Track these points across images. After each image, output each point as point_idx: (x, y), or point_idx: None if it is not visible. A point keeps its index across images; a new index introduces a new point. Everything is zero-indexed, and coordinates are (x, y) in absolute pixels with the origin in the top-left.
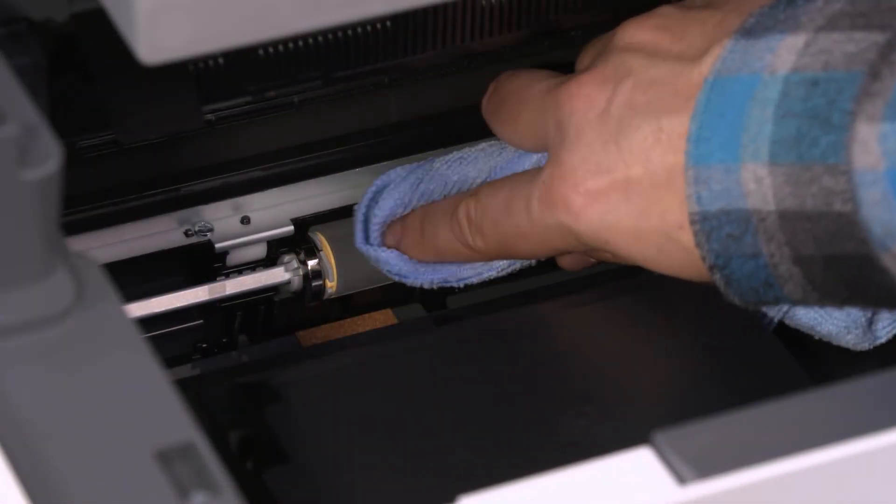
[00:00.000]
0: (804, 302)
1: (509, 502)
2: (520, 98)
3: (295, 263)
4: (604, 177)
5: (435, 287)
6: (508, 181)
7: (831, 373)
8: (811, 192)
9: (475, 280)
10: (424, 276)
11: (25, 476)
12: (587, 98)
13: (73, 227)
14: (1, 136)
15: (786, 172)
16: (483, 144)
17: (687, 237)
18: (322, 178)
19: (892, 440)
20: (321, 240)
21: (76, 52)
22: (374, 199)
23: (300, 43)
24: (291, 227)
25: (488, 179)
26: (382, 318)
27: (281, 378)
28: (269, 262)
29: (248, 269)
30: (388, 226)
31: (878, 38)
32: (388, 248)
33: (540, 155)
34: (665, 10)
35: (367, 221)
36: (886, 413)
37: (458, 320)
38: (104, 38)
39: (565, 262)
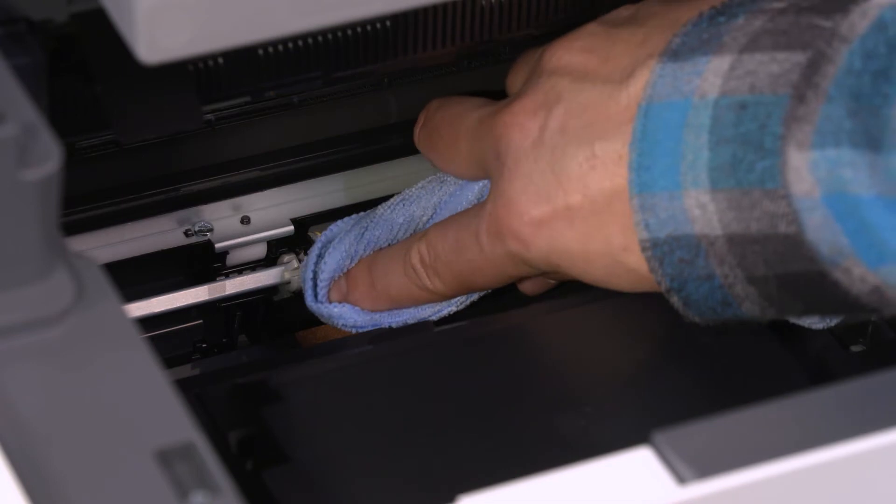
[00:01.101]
0: (763, 317)
1: (509, 502)
2: (455, 129)
3: (295, 263)
4: (545, 205)
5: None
6: (455, 219)
7: (831, 373)
8: (754, 215)
9: (434, 318)
10: (383, 322)
11: (25, 476)
12: (521, 127)
13: (73, 227)
14: (1, 136)
15: (727, 198)
16: (422, 182)
17: (633, 259)
18: (322, 178)
19: (892, 440)
20: None
21: (76, 52)
22: (321, 256)
23: (300, 43)
24: (291, 227)
25: (434, 216)
26: None
27: (281, 378)
28: (269, 262)
29: (248, 269)
30: (334, 282)
31: (799, 58)
32: (356, 304)
33: (482, 183)
34: (591, 28)
35: (314, 279)
36: (886, 413)
37: (458, 320)
38: (104, 38)
39: (526, 287)
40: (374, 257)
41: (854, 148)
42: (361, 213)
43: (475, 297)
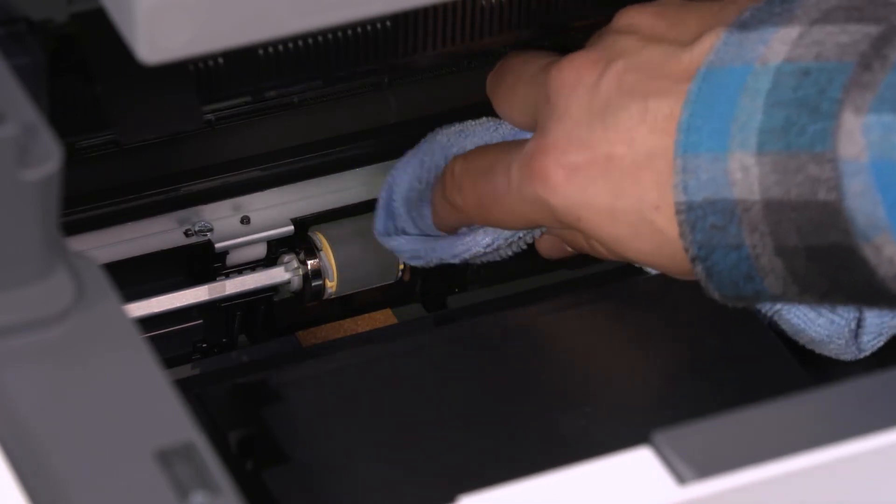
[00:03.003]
0: (784, 296)
1: (509, 502)
2: (518, 74)
3: (295, 263)
4: (586, 152)
5: (431, 264)
6: (497, 146)
7: (831, 373)
8: (797, 180)
9: (467, 255)
10: (426, 252)
11: (25, 476)
12: (577, 74)
13: (73, 227)
14: (1, 136)
15: (772, 161)
16: (483, 119)
17: (662, 219)
18: (322, 178)
19: (892, 440)
20: (321, 240)
21: (76, 52)
22: (392, 186)
23: (300, 43)
24: (291, 227)
25: None
26: (382, 318)
27: (281, 378)
28: (269, 262)
29: (248, 269)
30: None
31: (871, 30)
32: (432, 223)
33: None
34: (667, 0)
35: (388, 209)
36: (886, 413)
37: (458, 320)
38: (104, 38)
39: (542, 245)
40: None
41: None
42: (423, 140)
43: (501, 241)
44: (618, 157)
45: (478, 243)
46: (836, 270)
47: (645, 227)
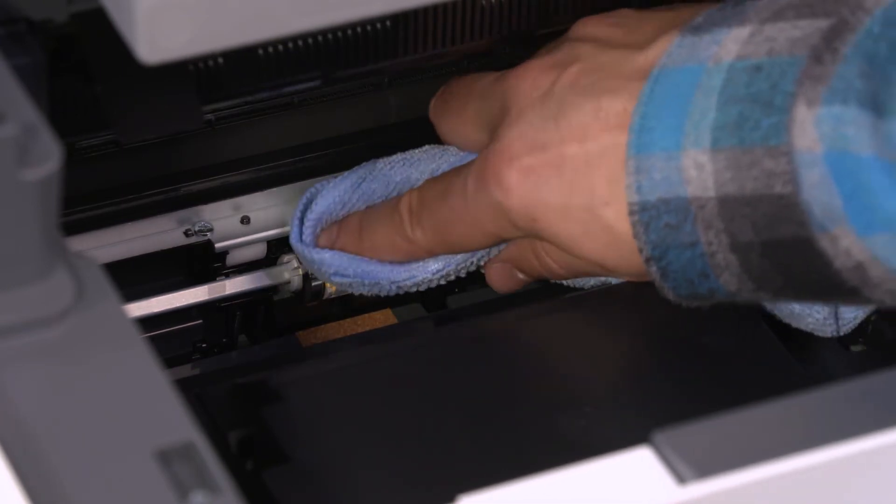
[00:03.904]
0: (739, 293)
1: (509, 502)
2: (468, 91)
3: (295, 263)
4: (539, 153)
5: (365, 293)
6: (450, 171)
7: (831, 372)
8: (752, 175)
9: (408, 283)
10: (359, 276)
11: (25, 476)
12: (533, 80)
13: (73, 227)
14: (1, 136)
15: (727, 157)
16: (426, 147)
17: (612, 214)
18: (322, 178)
19: (892, 440)
20: None
21: (76, 52)
22: (312, 199)
23: (300, 43)
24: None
25: None
26: (382, 318)
27: (281, 378)
28: (269, 262)
29: (248, 269)
30: (325, 227)
31: (822, 23)
32: (322, 247)
33: None
34: (624, 11)
35: (302, 219)
36: (886, 413)
37: (458, 320)
38: (104, 38)
39: (492, 277)
40: (367, 209)
41: (861, 107)
42: (359, 165)
43: (452, 267)
44: (570, 155)
45: (426, 269)
46: (792, 264)
47: (596, 223)
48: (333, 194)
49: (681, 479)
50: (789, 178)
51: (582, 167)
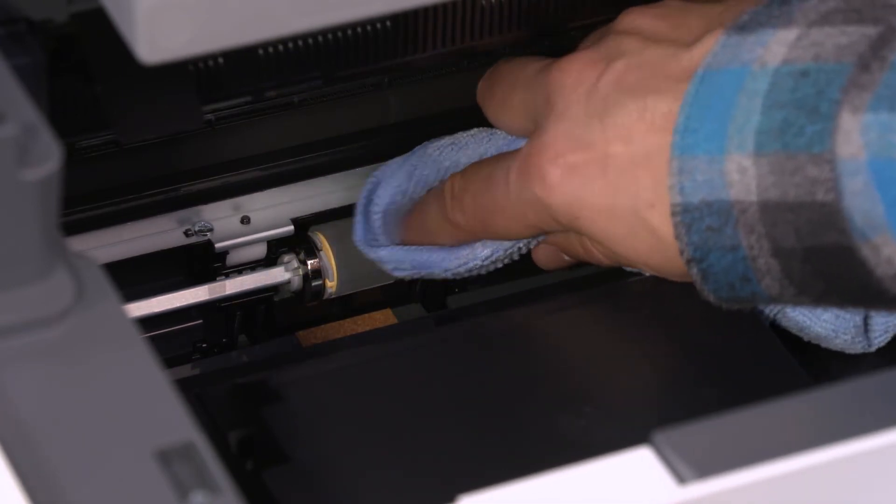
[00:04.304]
0: (780, 298)
1: (509, 502)
2: (513, 79)
3: (295, 263)
4: (583, 152)
5: (422, 276)
6: (495, 157)
7: (831, 373)
8: (794, 181)
9: (461, 270)
10: (412, 264)
11: (25, 476)
12: (578, 74)
13: (73, 227)
14: (1, 136)
15: (770, 162)
16: (474, 130)
17: (657, 218)
18: (322, 178)
19: (892, 440)
20: (321, 240)
21: (76, 52)
22: (373, 192)
23: (300, 43)
24: (291, 227)
25: None
26: (382, 318)
27: (281, 378)
28: (269, 262)
29: (248, 269)
30: (402, 219)
31: (870, 31)
32: (402, 240)
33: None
34: (670, 1)
35: (367, 215)
36: (886, 413)
37: (458, 320)
38: (104, 38)
39: (539, 256)
40: (423, 196)
41: None
42: (411, 152)
43: (500, 253)
44: (615, 155)
45: (476, 256)
46: (833, 271)
47: (640, 225)
48: (392, 184)
49: (681, 479)
50: (832, 185)
51: (627, 168)
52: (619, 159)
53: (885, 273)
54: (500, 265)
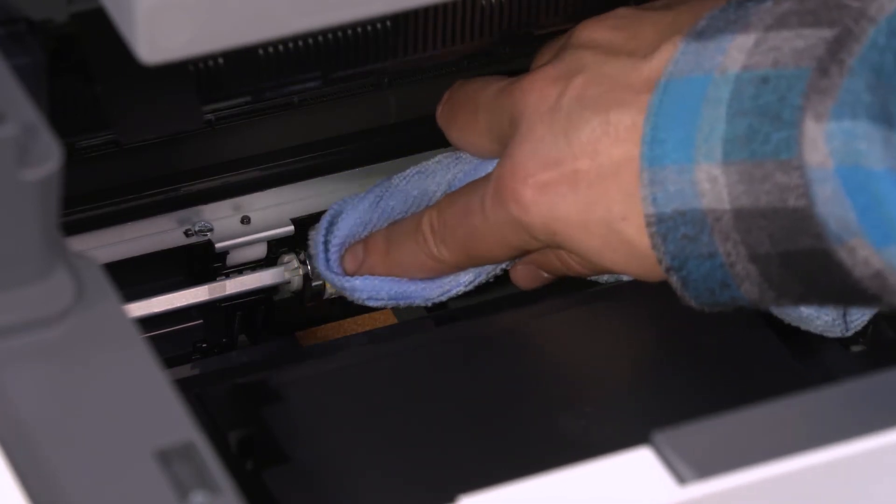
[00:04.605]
0: (761, 301)
1: (509, 502)
2: (475, 102)
3: (295, 263)
4: (552, 170)
5: (400, 306)
6: (467, 187)
7: (831, 373)
8: (765, 188)
9: (443, 298)
10: (393, 299)
11: (25, 476)
12: (539, 93)
13: (73, 227)
14: (1, 136)
15: (739, 171)
16: (439, 156)
17: (630, 229)
18: (322, 178)
19: (892, 440)
20: None
21: (76, 52)
22: (333, 223)
23: (300, 43)
24: (291, 227)
25: (448, 191)
26: (382, 318)
27: (281, 378)
28: (269, 262)
29: (248, 269)
30: (349, 248)
31: (826, 34)
32: (350, 271)
33: (497, 162)
34: (622, 10)
35: (326, 244)
36: (886, 413)
37: (458, 320)
38: (104, 38)
39: (517, 277)
40: (390, 226)
41: (871, 121)
42: (375, 184)
43: (482, 277)
44: (583, 171)
45: (459, 283)
46: (812, 274)
47: (614, 237)
48: (353, 216)
49: (681, 479)
50: (802, 191)
51: (596, 182)
52: (587, 174)
53: (863, 273)
54: (481, 285)
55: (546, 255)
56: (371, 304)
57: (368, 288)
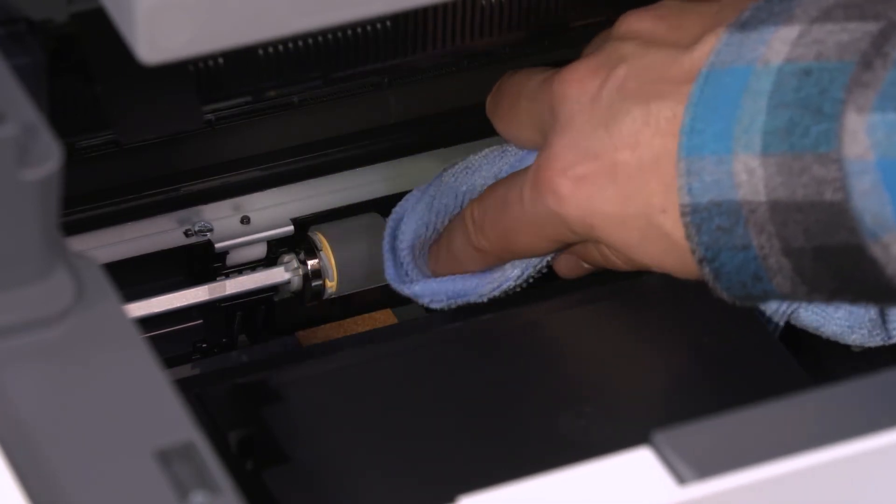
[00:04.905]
0: (792, 295)
1: (509, 502)
2: (517, 92)
3: (295, 263)
4: (591, 161)
5: (454, 306)
6: (508, 178)
7: (831, 373)
8: (802, 181)
9: (495, 293)
10: (447, 294)
11: (25, 476)
12: (580, 83)
13: (73, 227)
14: (1, 136)
15: (777, 162)
16: (486, 151)
17: (669, 222)
18: (322, 178)
19: (892, 440)
20: (321, 240)
21: (76, 52)
22: (395, 230)
23: (300, 43)
24: (291, 227)
25: None
26: (382, 318)
27: (281, 378)
28: (269, 262)
29: (248, 269)
30: (430, 251)
31: (871, 27)
32: (433, 272)
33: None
34: (668, 2)
35: (394, 252)
36: (886, 413)
37: (459, 320)
38: (104, 38)
39: (559, 266)
40: (446, 227)
41: None
42: (426, 184)
43: (530, 270)
44: (623, 162)
45: (508, 277)
46: (845, 270)
47: (653, 231)
48: (414, 219)
49: (681, 479)
50: (840, 185)
51: (636, 174)
52: (627, 167)
53: None
54: (531, 281)
55: (587, 248)
56: (434, 306)
57: (428, 292)
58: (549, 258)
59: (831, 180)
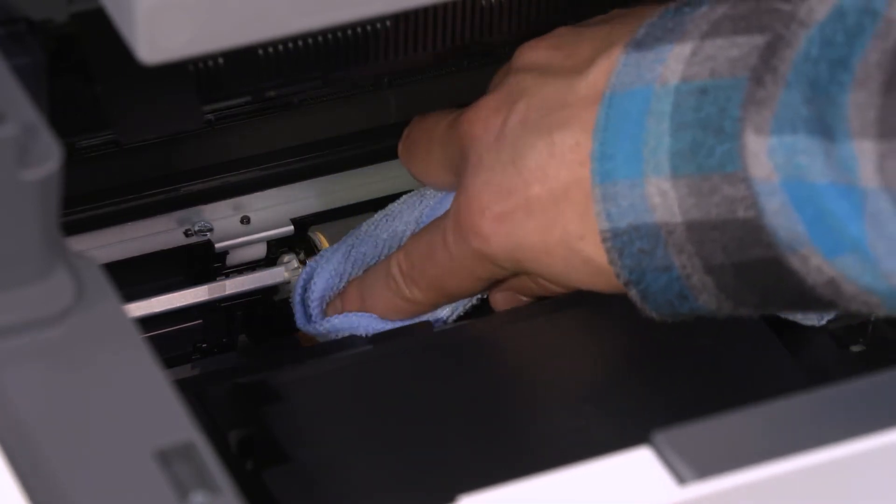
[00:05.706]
0: (719, 311)
1: (509, 502)
2: (429, 136)
3: (295, 263)
4: (506, 199)
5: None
6: (430, 225)
7: (830, 372)
8: (714, 201)
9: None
10: (367, 330)
11: (25, 476)
12: (484, 122)
13: (73, 227)
14: (1, 136)
15: (687, 184)
16: (404, 197)
17: (589, 247)
18: (322, 178)
19: (892, 440)
20: (321, 240)
21: (76, 52)
22: (309, 280)
23: (300, 43)
24: (291, 227)
25: (416, 229)
26: None
27: (281, 378)
28: (269, 262)
29: (248, 269)
30: (329, 303)
31: (758, 40)
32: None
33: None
34: (561, 29)
35: (304, 303)
36: (886, 413)
37: (458, 320)
38: (104, 38)
39: (496, 301)
40: (363, 274)
41: (810, 135)
42: (346, 235)
43: (460, 309)
44: (535, 196)
45: (438, 318)
46: (767, 283)
47: (575, 257)
48: (328, 269)
49: (681, 479)
50: (750, 202)
51: (550, 206)
52: (540, 200)
53: (817, 281)
54: (462, 315)
55: (521, 280)
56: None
57: (348, 325)
58: (479, 295)
59: (741, 198)
